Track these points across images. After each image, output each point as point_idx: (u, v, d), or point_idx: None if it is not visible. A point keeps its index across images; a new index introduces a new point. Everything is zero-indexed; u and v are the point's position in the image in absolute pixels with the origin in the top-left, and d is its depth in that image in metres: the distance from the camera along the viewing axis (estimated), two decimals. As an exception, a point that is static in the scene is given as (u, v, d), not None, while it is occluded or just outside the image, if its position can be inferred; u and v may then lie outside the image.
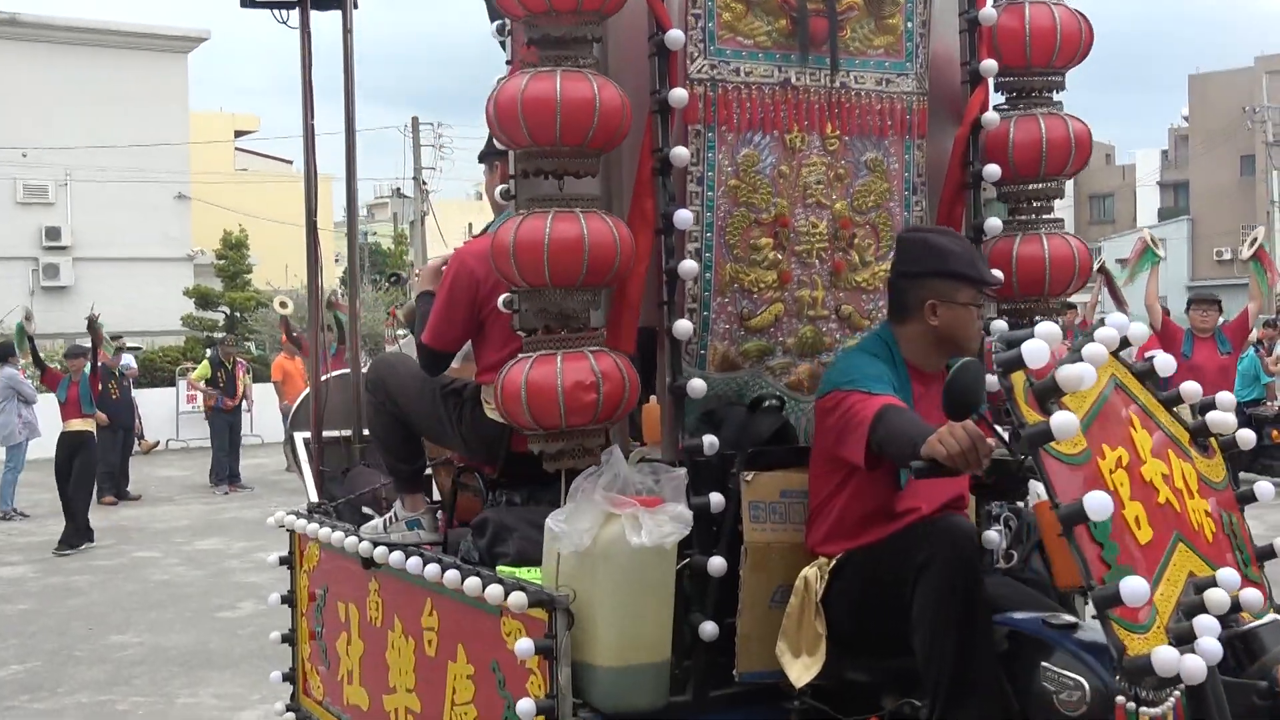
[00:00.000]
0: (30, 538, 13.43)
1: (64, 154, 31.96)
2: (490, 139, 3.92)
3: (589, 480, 3.15)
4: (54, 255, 33.26)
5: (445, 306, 3.86)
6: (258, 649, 8.30)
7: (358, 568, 4.16)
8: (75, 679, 7.80)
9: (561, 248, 3.09)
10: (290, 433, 5.19)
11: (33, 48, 33.25)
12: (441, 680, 3.69)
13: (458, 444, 4.06)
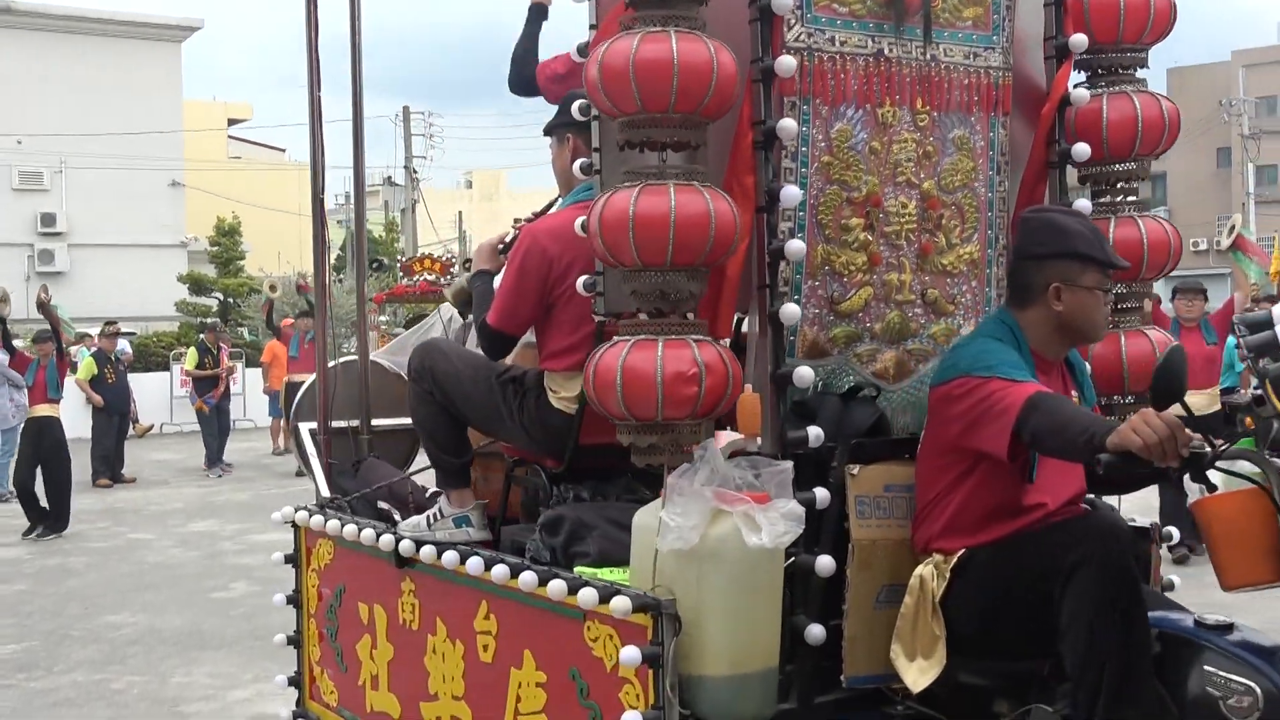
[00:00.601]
0: (24, 519, 13.37)
1: (59, 141, 31.88)
2: (561, 110, 3.77)
3: (684, 476, 2.85)
4: (49, 241, 33.19)
5: (515, 286, 3.60)
6: (250, 630, 8.30)
7: (386, 567, 3.85)
8: (71, 658, 7.77)
9: (688, 223, 2.75)
10: (295, 424, 4.75)
11: (28, 36, 33.12)
12: (501, 688, 3.36)
13: (517, 435, 3.72)
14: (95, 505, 14.57)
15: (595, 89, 2.86)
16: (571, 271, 3.45)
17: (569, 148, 3.75)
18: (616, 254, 2.86)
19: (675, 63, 2.72)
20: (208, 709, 6.68)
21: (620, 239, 2.81)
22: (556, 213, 3.70)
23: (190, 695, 6.92)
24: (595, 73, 2.82)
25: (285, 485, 15.73)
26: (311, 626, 4.43)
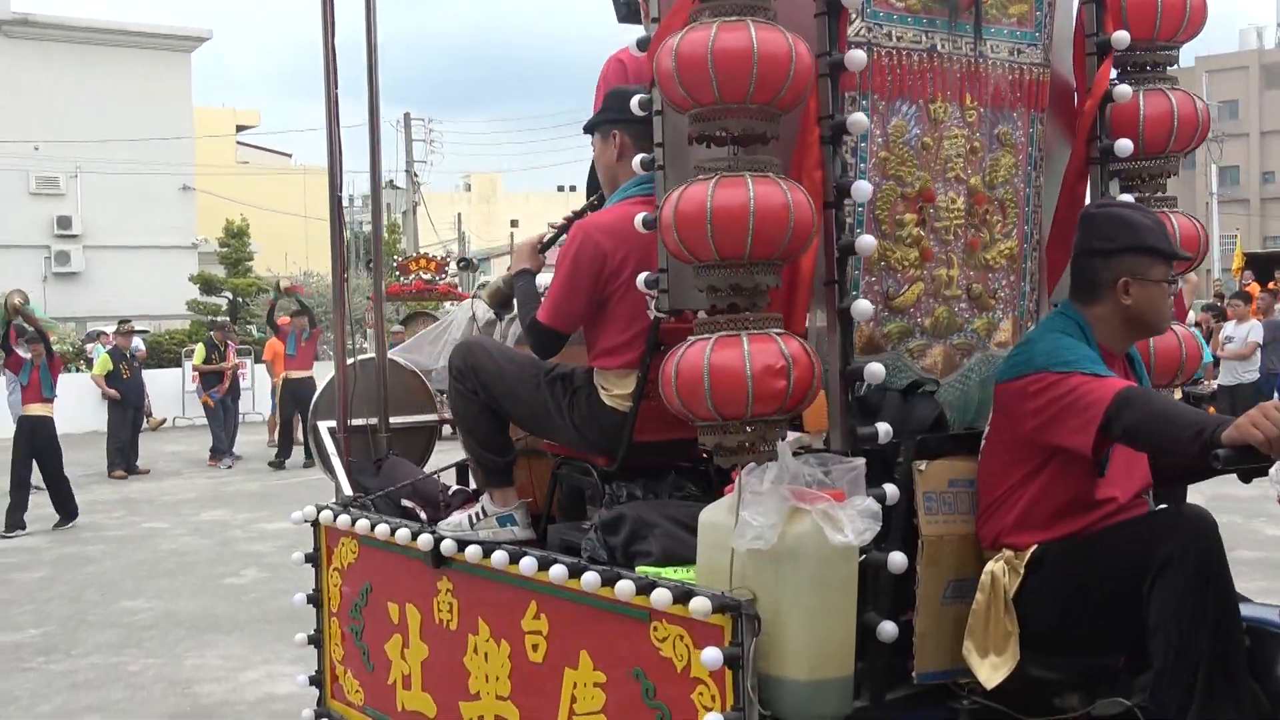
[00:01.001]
0: (45, 509, 13.34)
1: (74, 147, 31.78)
2: (606, 107, 3.60)
3: (753, 474, 2.68)
4: (65, 243, 33.12)
5: (568, 283, 3.39)
6: (261, 614, 8.32)
7: (419, 566, 3.65)
8: (89, 642, 7.77)
9: (768, 216, 2.58)
10: (313, 423, 4.48)
11: (44, 46, 33.05)
12: (553, 688, 3.17)
13: (567, 434, 3.52)
14: (111, 496, 14.55)
15: (669, 79, 2.69)
16: (626, 268, 3.31)
17: (614, 144, 3.57)
18: (693, 248, 2.68)
19: (755, 52, 2.56)
20: (220, 690, 6.68)
21: (697, 232, 2.63)
22: (608, 209, 3.51)
23: (203, 677, 6.92)
24: (670, 63, 2.65)
25: (292, 477, 15.74)
26: (333, 626, 4.19)
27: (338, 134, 4.43)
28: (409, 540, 3.64)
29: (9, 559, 10.72)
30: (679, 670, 2.78)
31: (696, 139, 2.79)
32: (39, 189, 33.01)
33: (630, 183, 3.45)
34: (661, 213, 2.74)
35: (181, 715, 6.28)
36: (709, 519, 2.82)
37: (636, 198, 3.37)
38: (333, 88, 4.37)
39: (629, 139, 3.47)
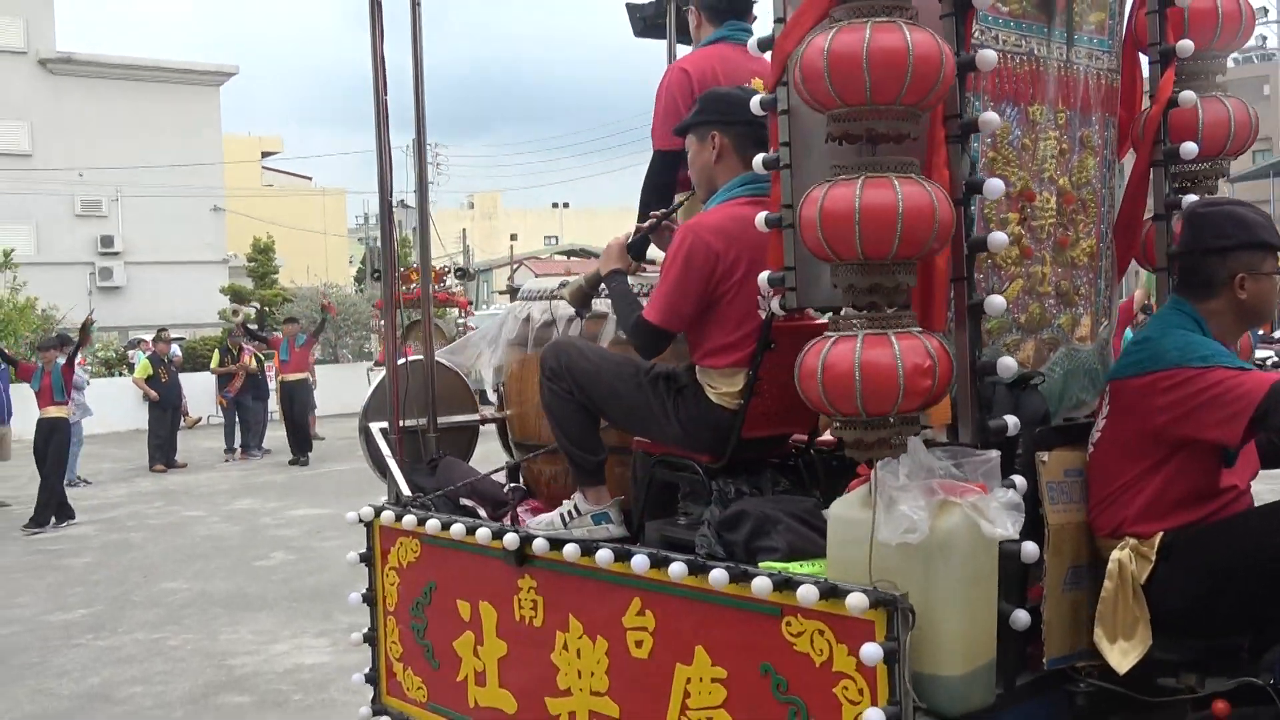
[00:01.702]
0: (93, 501, 13.34)
1: (115, 173, 31.72)
2: (703, 109, 3.29)
3: (887, 469, 2.50)
4: (108, 260, 33.04)
5: (679, 283, 3.12)
6: (288, 593, 8.32)
7: (495, 564, 3.37)
8: (132, 620, 7.76)
9: (915, 215, 2.40)
10: (365, 424, 4.15)
11: (86, 82, 32.96)
12: (661, 683, 2.92)
13: (672, 432, 3.24)
14: (152, 488, 14.52)
15: (817, 79, 2.45)
16: (739, 268, 3.08)
17: (712, 145, 3.26)
18: (836, 246, 2.45)
19: (910, 53, 2.37)
20: (252, 661, 6.67)
21: (843, 231, 2.42)
22: (715, 209, 3.23)
23: (237, 650, 6.92)
24: (820, 63, 2.42)
25: (315, 468, 15.74)
26: (390, 624, 3.87)
27: (387, 141, 4.08)
28: (490, 539, 3.33)
29: (60, 546, 10.69)
30: (818, 665, 2.56)
31: (839, 139, 2.55)
32: (84, 211, 32.90)
33: (733, 183, 3.22)
34: (801, 211, 2.51)
35: (217, 685, 6.26)
36: (841, 514, 2.61)
37: (743, 198, 3.16)
38: (382, 94, 3.99)
39: (729, 140, 3.22)
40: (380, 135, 4.06)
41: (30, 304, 23.97)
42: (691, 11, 3.94)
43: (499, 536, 3.32)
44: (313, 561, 9.41)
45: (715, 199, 3.25)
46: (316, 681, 6.23)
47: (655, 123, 3.81)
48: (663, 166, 3.80)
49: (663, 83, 3.82)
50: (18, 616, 8.00)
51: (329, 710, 5.77)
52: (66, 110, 32.27)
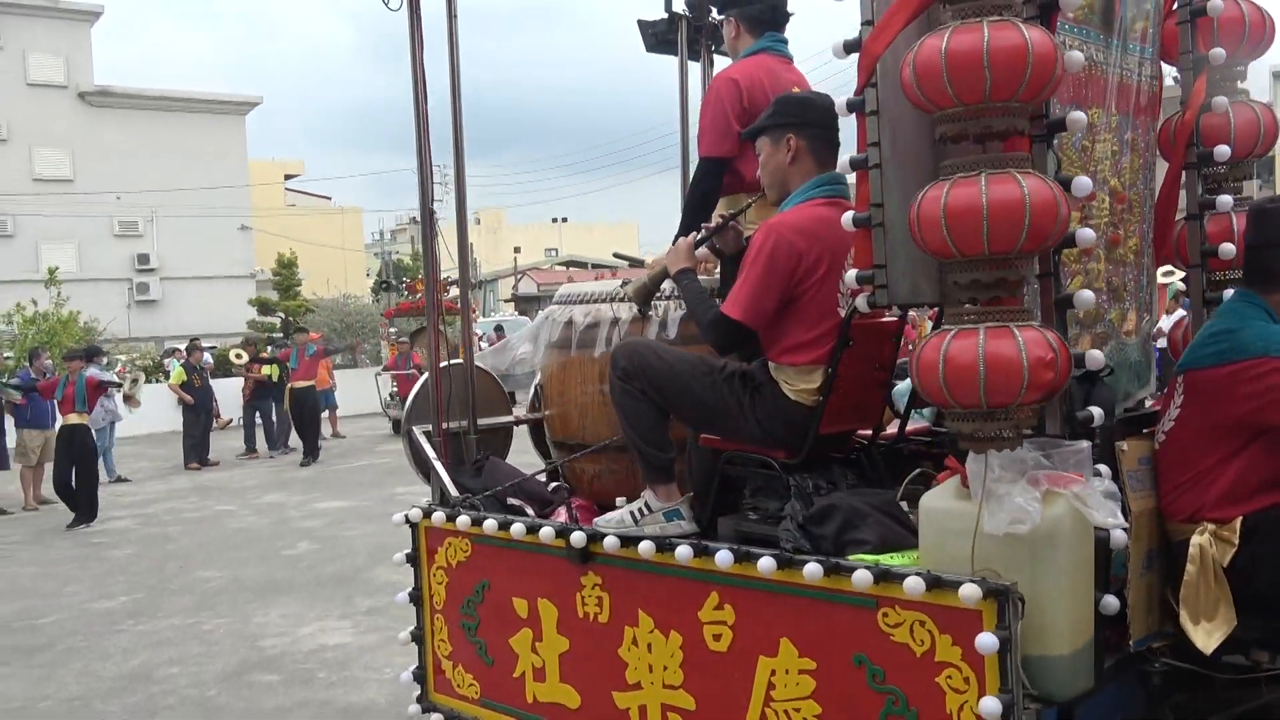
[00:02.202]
0: (133, 497, 13.31)
1: (150, 196, 31.66)
2: (776, 112, 3.11)
3: (981, 462, 2.36)
4: (145, 276, 32.96)
5: (762, 281, 2.92)
6: (313, 579, 8.30)
7: (555, 562, 3.18)
8: (170, 606, 7.75)
9: (1042, 210, 2.25)
10: (409, 428, 3.91)
11: (122, 113, 32.88)
12: (742, 675, 2.76)
13: (749, 429, 3.05)
14: (187, 484, 14.48)
15: (933, 78, 2.29)
16: (820, 266, 2.92)
17: (787, 148, 3.07)
18: (961, 243, 2.29)
19: (1030, 52, 2.24)
20: (281, 642, 6.66)
21: (971, 227, 2.26)
22: (794, 209, 3.02)
23: (266, 632, 6.91)
24: (938, 62, 2.26)
25: (337, 464, 15.71)
26: (438, 623, 3.66)
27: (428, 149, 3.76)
28: (553, 538, 3.15)
29: (103, 539, 10.67)
30: (918, 655, 2.42)
31: (957, 137, 2.39)
32: (121, 231, 32.82)
33: (810, 184, 3.05)
34: (919, 209, 2.33)
35: (249, 665, 6.25)
36: (935, 506, 2.47)
37: (820, 199, 3.02)
38: (422, 103, 3.71)
39: (804, 143, 3.05)
40: (421, 147, 3.79)
41: (73, 317, 23.89)
42: (729, 22, 3.77)
43: (563, 535, 3.13)
44: (335, 550, 9.40)
45: (792, 199, 3.07)
46: (339, 660, 6.22)
47: (702, 130, 3.62)
48: (708, 173, 3.62)
49: (711, 92, 3.64)
50: (65, 605, 7.98)
51: (351, 686, 5.76)
52: (105, 139, 32.19)
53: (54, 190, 31.22)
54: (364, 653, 6.33)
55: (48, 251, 30.23)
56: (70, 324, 23.33)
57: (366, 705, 5.47)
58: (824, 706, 2.59)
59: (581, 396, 3.51)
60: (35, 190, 31.10)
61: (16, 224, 30.92)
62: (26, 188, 31.03)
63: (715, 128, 3.55)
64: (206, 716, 5.46)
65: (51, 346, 19.81)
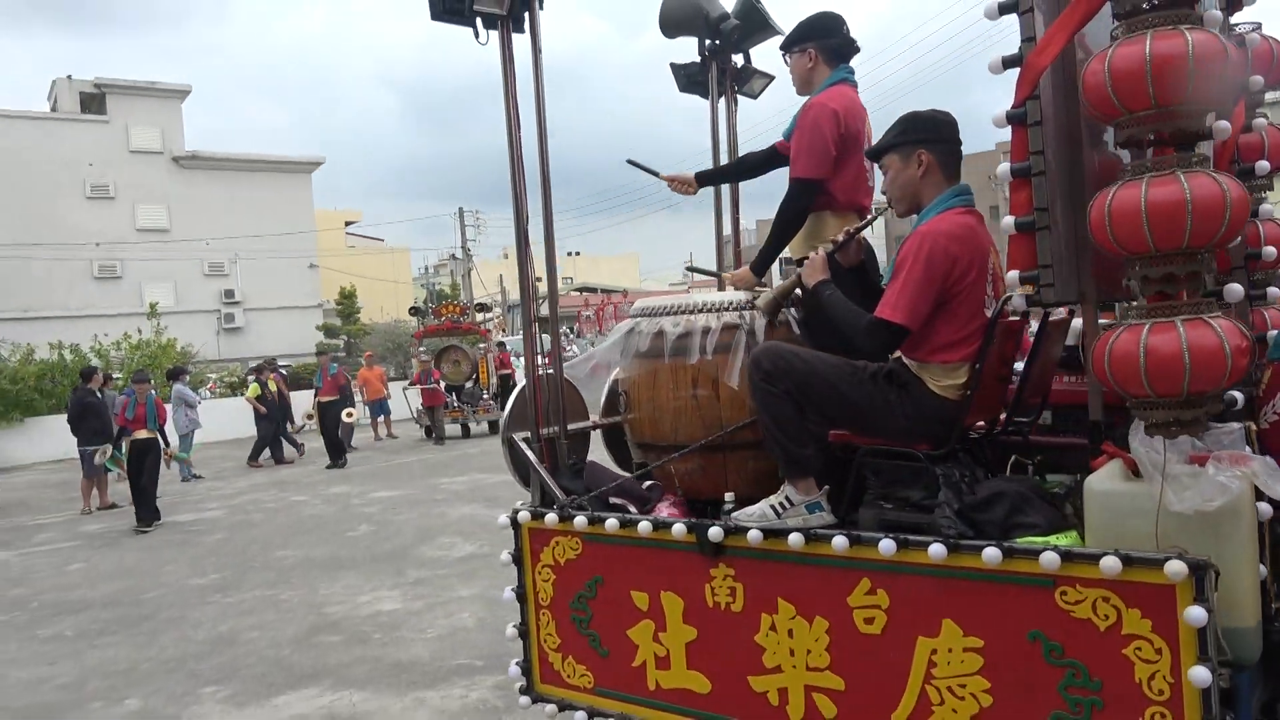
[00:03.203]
0: (222, 491, 13.31)
1: (233, 241, 31.75)
2: (906, 129, 2.84)
3: (1150, 445, 2.16)
4: (230, 307, 33.03)
5: (922, 284, 2.65)
6: (370, 556, 8.28)
7: (680, 556, 2.90)
8: (253, 581, 7.74)
9: (1240, 206, 2.06)
10: (509, 434, 3.55)
11: (210, 173, 33.00)
12: (899, 656, 2.49)
13: (897, 425, 2.78)
14: (267, 479, 14.47)
15: (1135, 82, 2.04)
16: (971, 270, 2.67)
17: (917, 162, 2.82)
18: (1162, 238, 2.06)
19: (1228, 55, 2.04)
20: (343, 609, 6.64)
21: (1175, 225, 2.04)
22: (942, 217, 2.75)
23: (331, 601, 6.89)
24: (1143, 67, 2.02)
25: (389, 460, 15.70)
26: (544, 618, 3.33)
27: (522, 178, 3.40)
28: (685, 534, 2.87)
29: (198, 528, 10.65)
30: (1102, 630, 2.19)
31: (1133, 142, 2.17)
32: (210, 271, 32.90)
33: (946, 195, 2.80)
34: (1111, 208, 2.09)
35: (316, 627, 6.24)
36: (1104, 489, 2.24)
37: (959, 208, 2.77)
38: (515, 131, 3.35)
39: (934, 158, 2.80)
40: (515, 177, 3.38)
41: (171, 344, 23.98)
42: (806, 54, 3.45)
43: (696, 530, 2.86)
44: (389, 530, 9.38)
45: (932, 209, 2.80)
46: (391, 623, 6.20)
47: (798, 153, 3.32)
48: (802, 192, 3.34)
49: (808, 118, 3.33)
50: (164, 582, 7.98)
51: (400, 645, 5.74)
52: (195, 195, 32.31)
53: (154, 239, 31.34)
54: (411, 616, 6.31)
55: (149, 290, 30.31)
56: (169, 349, 23.40)
57: (413, 660, 5.45)
58: (993, 681, 2.35)
59: (674, 401, 3.28)
60: (138, 239, 31.22)
61: (124, 267, 31.03)
62: (131, 237, 31.15)
63: (813, 151, 3.27)
64: (282, 672, 5.44)
65: (154, 369, 19.86)
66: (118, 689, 5.39)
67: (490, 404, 18.22)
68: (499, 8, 3.18)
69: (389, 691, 4.99)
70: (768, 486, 3.01)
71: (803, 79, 3.51)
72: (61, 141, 30.62)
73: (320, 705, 4.88)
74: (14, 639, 6.59)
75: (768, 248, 3.41)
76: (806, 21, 3.48)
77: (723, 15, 3.98)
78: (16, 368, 20.61)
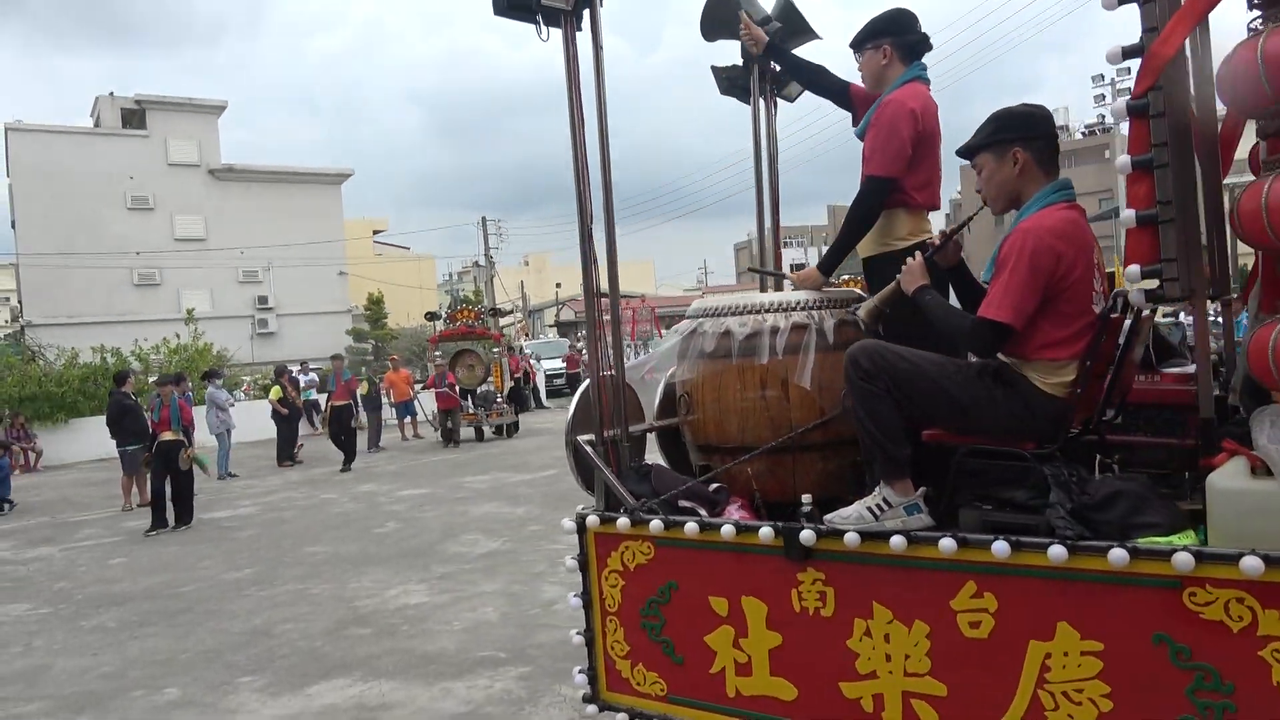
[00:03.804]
0: (255, 489, 13.37)
1: (266, 250, 31.97)
2: (1004, 126, 2.67)
3: (1270, 439, 2.06)
4: (263, 313, 33.26)
5: (1028, 282, 2.49)
6: (398, 552, 8.29)
7: (762, 560, 2.72)
8: (284, 575, 7.75)
9: None
10: (573, 439, 3.30)
11: (244, 185, 33.26)
12: (1008, 660, 2.33)
13: (1004, 423, 2.60)
14: (299, 477, 14.52)
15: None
16: (1077, 266, 2.52)
17: (1012, 160, 2.66)
18: None
19: None
20: (372, 602, 6.65)
21: None
22: (1044, 213, 2.58)
23: (361, 594, 6.90)
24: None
25: (415, 459, 15.74)
26: (611, 624, 3.09)
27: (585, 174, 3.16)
28: (772, 538, 2.68)
29: (231, 524, 10.70)
30: (1235, 631, 2.06)
31: None
32: (244, 279, 33.15)
33: (1047, 190, 2.63)
34: (1270, 201, 1.98)
35: (347, 620, 6.25)
36: (1229, 486, 2.11)
37: (1061, 203, 2.61)
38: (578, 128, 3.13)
39: (1030, 154, 2.65)
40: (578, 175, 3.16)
41: (208, 347, 24.17)
42: (881, 51, 3.28)
43: (784, 534, 2.66)
44: (415, 527, 9.40)
45: (1033, 205, 2.63)
46: (419, 616, 6.21)
47: (873, 151, 3.16)
48: (875, 191, 3.15)
49: (884, 116, 3.15)
50: (201, 576, 8.01)
51: (427, 638, 5.74)
52: (230, 206, 32.57)
53: (191, 248, 31.60)
54: (437, 610, 6.32)
55: (186, 296, 30.59)
56: (205, 353, 23.58)
57: (439, 652, 5.45)
58: (1113, 685, 2.20)
59: (741, 402, 3.08)
60: (176, 248, 31.49)
61: (162, 275, 31.31)
62: (169, 246, 31.43)
63: (889, 149, 3.11)
64: (314, 662, 5.46)
65: (191, 371, 20.02)
66: (158, 678, 5.43)
67: (504, 408, 18.12)
68: (564, 3, 3.03)
69: (417, 682, 4.99)
70: (836, 488, 2.86)
71: (875, 76, 3.33)
72: (104, 155, 30.94)
73: (351, 695, 4.89)
74: (60, 630, 6.64)
75: (837, 246, 3.24)
76: (881, 18, 3.29)
77: (765, 18, 3.81)
78: (61, 371, 20.83)
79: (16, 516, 12.60)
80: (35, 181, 29.75)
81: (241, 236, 32.05)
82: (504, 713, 4.46)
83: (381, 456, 16.72)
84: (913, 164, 3.14)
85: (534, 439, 17.39)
